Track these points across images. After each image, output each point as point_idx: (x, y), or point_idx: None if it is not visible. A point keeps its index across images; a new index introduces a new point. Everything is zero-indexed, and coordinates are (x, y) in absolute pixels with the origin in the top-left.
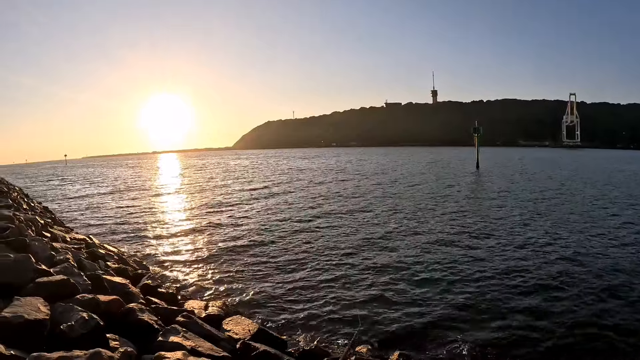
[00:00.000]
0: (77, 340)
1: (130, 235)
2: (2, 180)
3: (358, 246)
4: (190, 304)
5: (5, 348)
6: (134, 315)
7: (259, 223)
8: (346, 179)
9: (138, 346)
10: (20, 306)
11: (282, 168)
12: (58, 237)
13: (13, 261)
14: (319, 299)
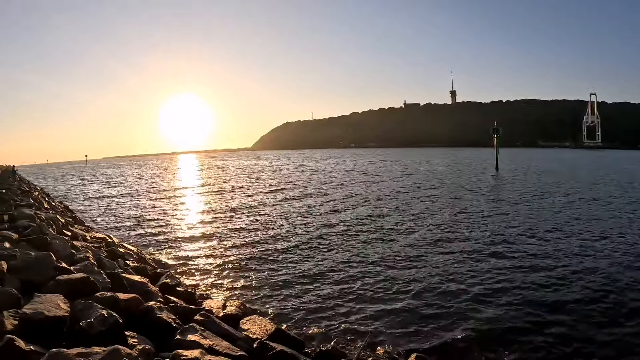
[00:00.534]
0: (96, 337)
1: (150, 234)
2: (24, 179)
3: (379, 250)
4: (208, 303)
5: (25, 343)
6: (152, 313)
7: (278, 224)
8: (366, 181)
9: (156, 344)
10: (41, 303)
11: (301, 169)
12: (78, 235)
13: (34, 259)
14: (337, 300)
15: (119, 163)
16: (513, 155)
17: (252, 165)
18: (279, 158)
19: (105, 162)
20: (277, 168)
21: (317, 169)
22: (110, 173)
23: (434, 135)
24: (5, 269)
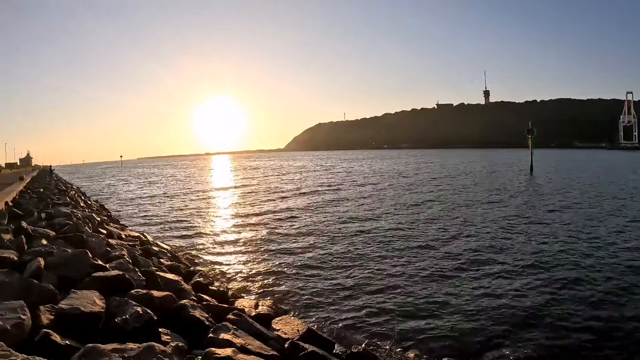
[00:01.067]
0: (131, 334)
1: (183, 233)
2: (61, 179)
3: (415, 257)
4: (240, 303)
5: (61, 338)
6: (186, 311)
7: (312, 225)
8: (401, 184)
9: (189, 341)
10: (77, 299)
11: (335, 171)
12: (114, 234)
13: (71, 255)
14: (369, 303)
15: (153, 163)
16: (548, 157)
17: (285, 166)
18: (312, 159)
19: (139, 163)
20: (310, 169)
21: (352, 171)
22: (144, 173)
23: (467, 136)
24: (42, 265)
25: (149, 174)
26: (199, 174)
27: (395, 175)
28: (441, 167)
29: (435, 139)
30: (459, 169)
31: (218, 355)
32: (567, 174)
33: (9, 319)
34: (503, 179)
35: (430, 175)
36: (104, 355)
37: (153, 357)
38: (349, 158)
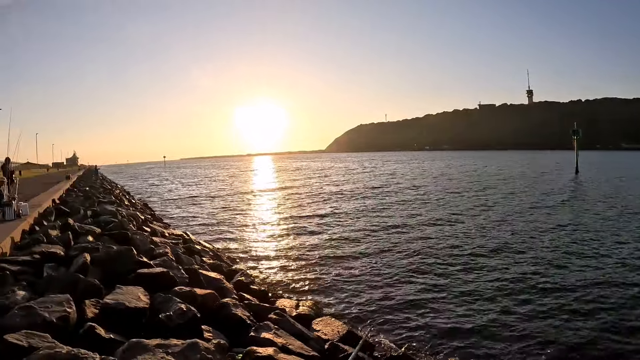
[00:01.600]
0: (175, 330)
1: (225, 233)
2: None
3: (458, 261)
4: (281, 302)
5: (105, 332)
6: (228, 309)
7: (355, 229)
8: (444, 185)
9: (230, 339)
10: (122, 294)
11: (378, 172)
12: (157, 231)
13: (116, 252)
14: (411, 306)
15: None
16: (594, 159)
17: (327, 167)
18: (354, 160)
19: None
20: (352, 171)
21: (395, 173)
22: (187, 173)
23: (510, 137)
24: (88, 260)
25: (192, 174)
26: (241, 175)
27: (440, 178)
28: (486, 169)
29: (478, 140)
30: (504, 172)
31: (259, 354)
32: (612, 175)
33: (54, 311)
34: (549, 182)
35: (475, 178)
36: (148, 350)
37: (197, 353)
38: (391, 159)
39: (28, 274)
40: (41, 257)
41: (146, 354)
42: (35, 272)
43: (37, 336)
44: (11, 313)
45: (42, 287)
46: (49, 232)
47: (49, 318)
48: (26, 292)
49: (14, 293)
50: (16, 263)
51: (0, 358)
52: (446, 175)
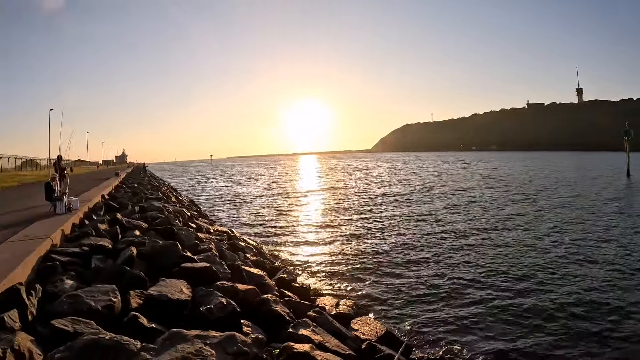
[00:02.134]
0: (214, 322)
1: (270, 231)
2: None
3: (506, 267)
4: (321, 301)
5: (148, 321)
6: (268, 305)
7: (400, 230)
8: (492, 187)
9: (268, 335)
10: (165, 286)
11: (424, 172)
12: (202, 228)
13: (162, 246)
14: (456, 314)
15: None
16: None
17: (373, 167)
18: (400, 160)
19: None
20: (398, 171)
21: (443, 173)
22: (233, 172)
23: (559, 138)
24: (134, 253)
25: (238, 172)
26: (286, 174)
27: (488, 180)
28: (535, 171)
29: (526, 141)
30: (552, 174)
31: (296, 350)
32: None
33: (100, 300)
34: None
35: (525, 181)
36: (187, 340)
37: (234, 345)
38: (437, 160)
39: (77, 264)
40: (90, 249)
41: (185, 343)
42: (83, 263)
43: (82, 322)
44: (59, 300)
45: (89, 278)
46: (98, 225)
47: (94, 306)
48: (74, 281)
49: (63, 282)
50: (66, 254)
51: (48, 341)
52: (494, 177)
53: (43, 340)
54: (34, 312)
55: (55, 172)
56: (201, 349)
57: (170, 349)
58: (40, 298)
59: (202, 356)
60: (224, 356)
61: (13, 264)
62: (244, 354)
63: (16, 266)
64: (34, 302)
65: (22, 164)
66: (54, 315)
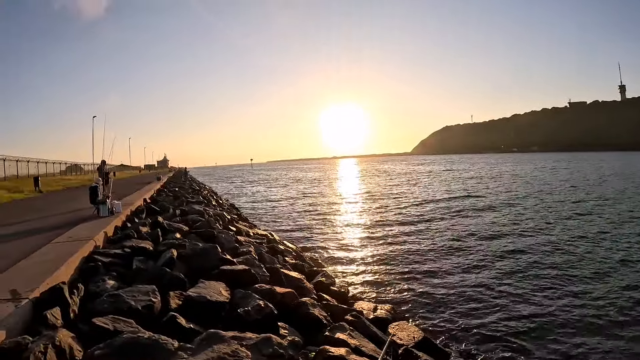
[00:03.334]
0: (251, 324)
1: (309, 234)
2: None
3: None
4: (359, 305)
5: (186, 322)
6: (305, 308)
7: (443, 236)
8: (540, 190)
9: (305, 338)
10: (204, 288)
11: (467, 175)
12: (242, 231)
13: (202, 249)
14: (497, 324)
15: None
16: None
17: (414, 170)
18: (440, 163)
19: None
20: (441, 174)
21: (484, 176)
22: (273, 176)
23: (604, 137)
24: (175, 255)
25: (278, 176)
26: (326, 178)
27: (533, 183)
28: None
29: (568, 141)
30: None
31: (331, 354)
32: None
33: (140, 300)
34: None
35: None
36: (224, 340)
37: (269, 347)
38: (479, 162)
39: (118, 265)
40: (131, 251)
41: (221, 344)
42: (125, 264)
43: (122, 321)
44: (100, 299)
45: (130, 278)
46: (140, 228)
47: (134, 306)
48: (116, 281)
49: (105, 282)
50: (108, 255)
51: (88, 338)
52: (539, 179)
53: (83, 337)
54: (75, 310)
55: (99, 177)
56: (237, 349)
57: (207, 349)
58: (82, 297)
59: (238, 357)
60: (260, 357)
61: (57, 264)
62: (280, 356)
63: (60, 266)
64: (76, 300)
65: (67, 169)
66: (95, 313)
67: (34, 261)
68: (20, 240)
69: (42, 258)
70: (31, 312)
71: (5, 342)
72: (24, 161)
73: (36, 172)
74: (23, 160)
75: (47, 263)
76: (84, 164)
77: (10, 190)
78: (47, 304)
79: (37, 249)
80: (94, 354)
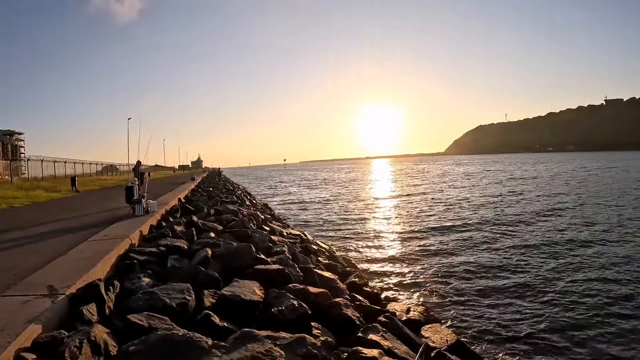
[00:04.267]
0: (285, 324)
1: (342, 235)
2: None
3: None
4: (392, 306)
5: (220, 320)
6: (338, 309)
7: (481, 239)
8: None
9: (337, 338)
10: (239, 287)
11: (504, 176)
12: (276, 231)
13: (236, 248)
14: (534, 329)
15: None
16: None
17: (448, 171)
18: (475, 163)
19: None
20: (473, 174)
21: (524, 177)
22: (306, 176)
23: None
24: (209, 254)
25: (311, 177)
26: (360, 178)
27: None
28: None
29: (605, 140)
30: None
31: (364, 355)
32: None
33: (175, 298)
34: None
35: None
36: (258, 340)
37: (303, 347)
38: (515, 162)
39: (153, 263)
40: (166, 250)
41: (255, 343)
42: (160, 262)
43: (157, 318)
44: (136, 296)
45: (165, 276)
46: (174, 227)
47: (169, 303)
48: (151, 279)
49: (140, 279)
50: (143, 253)
51: (123, 335)
52: (578, 178)
53: (118, 334)
54: (111, 306)
55: (135, 177)
56: (271, 349)
57: (241, 348)
58: (118, 294)
59: (272, 356)
60: (293, 357)
61: (93, 262)
62: (313, 356)
63: (96, 263)
64: (111, 297)
65: (103, 169)
66: (130, 310)
67: (71, 258)
68: (58, 238)
69: (79, 255)
70: (67, 307)
71: (41, 336)
72: (61, 162)
73: (73, 172)
74: (60, 161)
75: (83, 260)
76: (119, 164)
77: (48, 190)
78: (83, 300)
79: (74, 247)
80: (128, 349)
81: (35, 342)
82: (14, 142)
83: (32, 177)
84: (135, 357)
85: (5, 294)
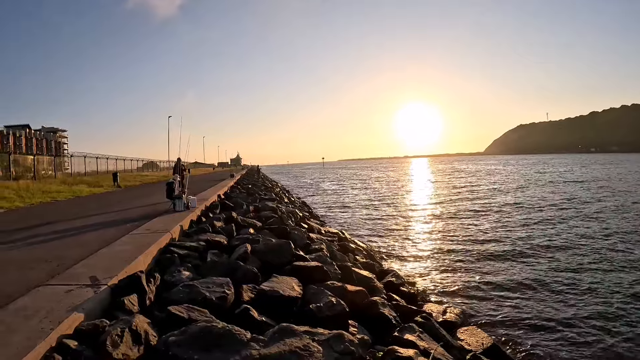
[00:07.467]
0: (322, 320)
1: (380, 234)
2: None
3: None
4: (429, 307)
5: (258, 314)
6: (375, 308)
7: (522, 239)
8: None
9: (374, 337)
10: (277, 282)
11: (547, 177)
12: (314, 228)
13: (275, 244)
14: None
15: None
16: None
17: (488, 171)
18: (515, 164)
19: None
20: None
21: (568, 179)
22: (345, 174)
23: None
24: (249, 250)
25: (350, 175)
26: (399, 177)
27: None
28: None
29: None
30: None
31: (400, 355)
32: None
33: (215, 291)
34: None
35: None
36: (297, 335)
37: (341, 344)
38: (559, 163)
39: (193, 257)
40: (206, 245)
41: (294, 338)
42: (199, 257)
43: (196, 310)
44: (176, 289)
45: (205, 270)
46: (214, 223)
47: (209, 296)
48: (190, 273)
49: (180, 273)
50: (184, 248)
51: (163, 325)
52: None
53: (158, 324)
54: (152, 297)
55: (176, 173)
56: (309, 344)
57: (279, 342)
58: (159, 286)
59: (309, 352)
60: (331, 353)
61: (135, 254)
62: (350, 353)
63: (138, 256)
64: (152, 289)
65: (143, 166)
66: (171, 302)
67: (113, 250)
68: (100, 231)
69: (121, 248)
70: (109, 298)
71: (83, 324)
72: (104, 158)
73: (115, 168)
74: (102, 158)
75: (125, 253)
76: (159, 161)
77: (90, 185)
78: (124, 290)
79: (116, 239)
80: (168, 339)
81: (78, 330)
82: (57, 139)
83: (75, 173)
84: (175, 347)
85: (50, 283)
